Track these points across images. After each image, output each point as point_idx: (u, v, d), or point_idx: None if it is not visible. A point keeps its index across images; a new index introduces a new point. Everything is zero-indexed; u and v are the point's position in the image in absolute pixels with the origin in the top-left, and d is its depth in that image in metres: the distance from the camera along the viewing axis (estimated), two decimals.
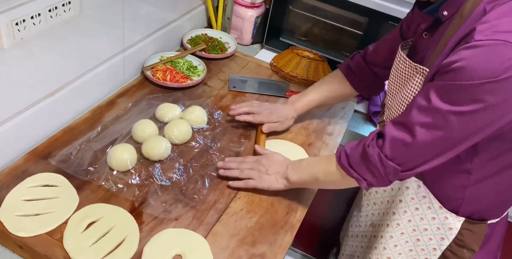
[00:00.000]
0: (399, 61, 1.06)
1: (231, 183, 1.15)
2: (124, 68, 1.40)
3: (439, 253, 1.11)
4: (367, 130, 1.52)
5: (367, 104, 1.63)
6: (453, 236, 1.07)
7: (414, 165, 0.92)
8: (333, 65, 1.75)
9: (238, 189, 1.16)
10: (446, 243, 1.09)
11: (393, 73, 1.09)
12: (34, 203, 1.01)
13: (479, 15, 0.84)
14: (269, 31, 1.82)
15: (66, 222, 0.99)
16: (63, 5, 1.00)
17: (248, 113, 1.33)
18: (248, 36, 1.84)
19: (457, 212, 1.05)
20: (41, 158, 1.12)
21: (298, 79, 1.63)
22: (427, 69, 0.94)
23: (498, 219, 1.07)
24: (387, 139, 0.94)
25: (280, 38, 1.82)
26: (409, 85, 1.00)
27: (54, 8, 0.98)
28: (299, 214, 1.15)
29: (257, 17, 1.80)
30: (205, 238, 1.03)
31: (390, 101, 1.11)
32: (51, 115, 1.19)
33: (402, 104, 1.03)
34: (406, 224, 1.14)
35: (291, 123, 1.39)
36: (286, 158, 1.18)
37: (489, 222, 1.06)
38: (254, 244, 1.05)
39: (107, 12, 1.22)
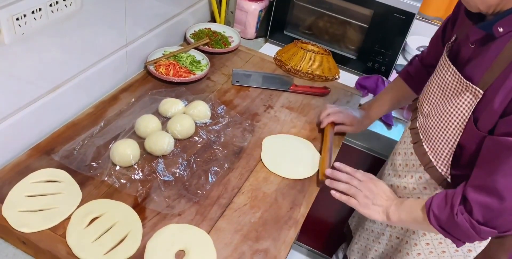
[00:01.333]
0: (446, 70, 1.01)
1: (333, 192, 1.14)
2: (127, 63, 1.40)
3: None
4: (374, 125, 1.50)
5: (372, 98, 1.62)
6: (481, 248, 1.07)
7: (510, 227, 0.90)
8: (337, 59, 1.73)
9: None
10: (473, 255, 1.08)
11: (436, 81, 1.05)
12: (37, 198, 1.01)
13: None
14: (273, 25, 1.80)
15: (69, 218, 0.99)
16: None
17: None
18: (251, 30, 1.83)
19: None
20: (44, 153, 1.12)
21: (303, 73, 1.62)
22: (481, 91, 0.89)
23: None
24: (474, 206, 0.89)
25: (284, 32, 1.81)
26: (456, 102, 0.96)
27: (55, 3, 0.97)
28: (303, 209, 1.14)
29: (261, 10, 1.79)
30: (208, 233, 1.03)
31: (427, 109, 1.07)
32: (53, 111, 1.19)
33: (445, 119, 0.99)
34: (433, 235, 1.13)
35: (362, 129, 1.42)
36: (392, 192, 1.13)
37: None
38: (258, 239, 1.05)
39: (109, 6, 1.21)
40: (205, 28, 1.72)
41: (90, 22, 1.16)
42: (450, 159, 1.00)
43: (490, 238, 1.03)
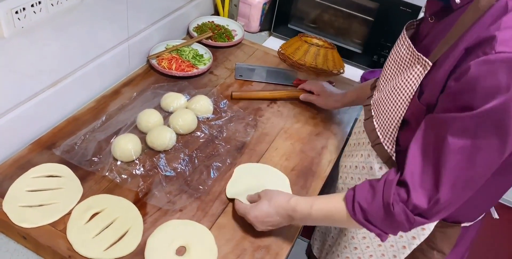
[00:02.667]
0: (402, 44, 0.96)
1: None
2: (129, 57, 1.38)
3: (408, 251, 1.06)
4: None
5: None
6: (425, 236, 1.02)
7: (443, 214, 0.84)
8: (342, 53, 1.71)
9: None
10: (417, 242, 1.04)
11: (392, 56, 1.00)
12: (38, 193, 1.00)
13: (500, 12, 0.75)
14: (277, 18, 1.78)
15: (69, 213, 0.98)
16: None
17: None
18: (255, 23, 1.81)
19: None
20: (45, 148, 1.11)
21: (307, 67, 1.60)
22: (430, 63, 0.85)
23: (472, 222, 1.02)
24: (411, 193, 0.81)
25: (289, 25, 1.79)
26: (406, 74, 0.92)
27: None
28: None
29: (265, 3, 1.77)
30: (209, 229, 1.02)
31: (383, 85, 1.03)
32: (54, 105, 1.18)
33: (394, 93, 0.94)
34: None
35: (332, 105, 1.40)
36: (279, 209, 1.00)
37: (462, 225, 1.01)
38: (259, 236, 1.04)
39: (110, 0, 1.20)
40: (208, 21, 1.71)
41: (91, 16, 1.15)
42: (395, 135, 0.95)
43: (433, 227, 0.99)
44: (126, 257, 0.93)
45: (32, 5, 0.92)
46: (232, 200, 1.10)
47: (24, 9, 0.91)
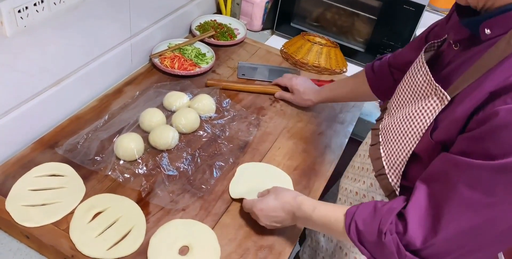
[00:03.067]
0: (419, 69, 0.89)
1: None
2: (131, 55, 1.38)
3: None
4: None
5: None
6: None
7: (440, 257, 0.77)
8: (345, 51, 1.71)
9: None
10: None
11: (407, 80, 0.93)
12: (41, 193, 1.00)
13: None
14: (279, 17, 1.78)
15: (72, 213, 0.98)
16: None
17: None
18: (258, 22, 1.80)
19: None
20: (48, 147, 1.11)
21: (309, 66, 1.59)
22: (449, 97, 0.78)
23: None
24: (409, 228, 0.76)
25: (291, 24, 1.79)
26: (421, 104, 0.85)
27: None
28: None
29: (267, 2, 1.76)
30: (212, 229, 1.02)
31: (395, 110, 0.96)
32: (57, 104, 1.17)
33: (407, 123, 0.88)
34: None
35: (305, 103, 1.40)
36: (284, 208, 0.99)
37: None
38: (263, 235, 1.03)
39: None
40: (211, 20, 1.70)
41: (93, 14, 1.14)
42: (402, 168, 0.88)
43: None
44: (129, 256, 0.93)
45: (35, 4, 0.92)
46: (236, 200, 1.10)
47: (26, 8, 0.90)
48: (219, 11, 1.81)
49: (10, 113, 1.05)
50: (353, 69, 1.70)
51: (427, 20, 1.72)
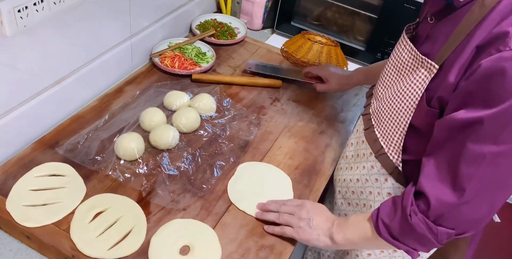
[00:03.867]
0: (403, 48, 0.91)
1: (266, 227, 1.04)
2: (131, 55, 1.38)
3: None
4: None
5: None
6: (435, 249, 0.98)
7: (469, 226, 0.79)
8: (346, 50, 1.70)
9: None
10: (426, 255, 1.01)
11: (392, 61, 0.95)
12: (41, 193, 1.00)
13: (510, 7, 0.71)
14: (280, 16, 1.78)
15: (73, 213, 0.98)
16: None
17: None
18: (258, 21, 1.80)
19: None
20: (48, 147, 1.11)
21: (310, 65, 1.59)
22: (436, 66, 0.81)
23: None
24: (431, 201, 0.78)
25: (292, 23, 1.78)
26: (410, 79, 0.87)
27: None
28: None
29: (268, 1, 1.76)
30: (213, 228, 1.02)
31: (382, 92, 0.98)
32: (57, 104, 1.17)
33: (397, 99, 0.90)
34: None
35: (342, 88, 1.41)
36: (331, 214, 1.02)
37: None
38: (263, 235, 1.03)
39: None
40: (211, 19, 1.70)
41: (93, 14, 1.14)
42: (401, 144, 0.91)
43: None
44: (130, 256, 0.93)
45: (35, 4, 0.92)
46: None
47: (26, 7, 0.90)
48: (219, 10, 1.80)
49: (11, 113, 1.05)
50: (353, 67, 1.68)
51: None
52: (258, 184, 1.14)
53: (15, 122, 1.07)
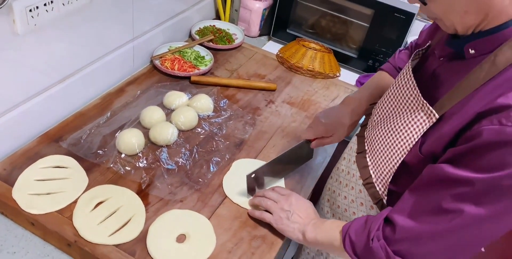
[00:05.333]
0: (406, 82, 0.89)
1: (249, 210, 1.10)
2: (133, 57, 1.44)
3: None
4: None
5: None
6: None
7: None
8: (339, 57, 1.77)
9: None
10: None
11: (394, 91, 0.94)
12: (46, 183, 1.05)
13: None
14: (276, 23, 1.85)
15: (75, 202, 1.03)
16: None
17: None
18: (255, 28, 1.87)
19: None
20: (53, 141, 1.17)
21: (304, 70, 1.66)
22: (437, 115, 0.80)
23: None
24: (397, 231, 0.80)
25: (287, 30, 1.85)
26: (408, 119, 0.86)
27: None
28: None
29: (265, 9, 1.83)
30: (209, 219, 1.07)
31: (379, 119, 0.98)
32: (62, 101, 1.23)
33: (394, 135, 0.89)
34: None
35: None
36: (316, 212, 1.05)
37: None
38: (256, 226, 1.08)
39: (117, 2, 1.26)
40: (210, 25, 1.77)
41: (98, 16, 1.21)
42: (390, 178, 0.91)
43: None
44: (129, 243, 0.98)
45: (45, 4, 0.98)
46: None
47: (37, 7, 0.97)
48: (218, 17, 1.87)
49: (18, 108, 1.11)
50: (346, 73, 1.77)
51: (417, 28, 1.79)
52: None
53: (22, 116, 1.12)
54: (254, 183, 1.15)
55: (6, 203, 1.00)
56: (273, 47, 1.84)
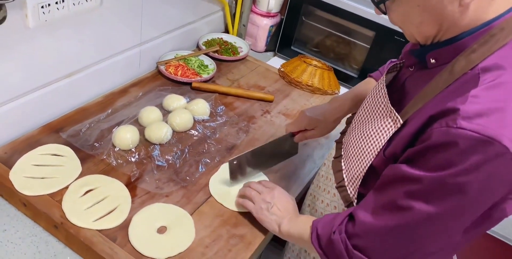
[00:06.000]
0: (379, 90, 0.95)
1: (236, 199, 1.17)
2: (140, 60, 1.53)
3: None
4: None
5: None
6: None
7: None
8: (340, 76, 1.83)
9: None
10: None
11: (369, 99, 0.99)
12: (42, 168, 1.13)
13: (470, 83, 0.74)
14: (281, 40, 1.92)
15: (67, 187, 1.09)
16: None
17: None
18: (262, 44, 1.95)
19: None
20: (54, 131, 1.24)
21: (303, 85, 1.72)
22: (401, 121, 0.84)
23: None
24: (356, 226, 0.85)
25: (292, 47, 1.92)
26: (378, 124, 0.91)
27: None
28: None
29: (272, 26, 1.91)
30: (191, 215, 1.12)
31: (355, 126, 1.01)
32: (67, 95, 1.31)
33: (365, 140, 0.94)
34: None
35: (335, 125, 1.26)
36: (296, 208, 1.11)
37: None
38: (236, 226, 1.13)
39: (126, 6, 1.35)
40: (218, 37, 1.85)
41: (107, 19, 1.29)
42: (359, 181, 0.95)
43: None
44: (112, 229, 1.04)
45: (56, 3, 1.07)
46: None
47: (49, 5, 1.05)
48: (226, 31, 1.95)
49: (24, 97, 1.19)
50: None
51: None
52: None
53: (26, 106, 1.20)
54: (237, 171, 1.21)
55: (2, 183, 1.07)
56: (277, 62, 1.91)
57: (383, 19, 1.64)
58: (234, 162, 1.18)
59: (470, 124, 0.69)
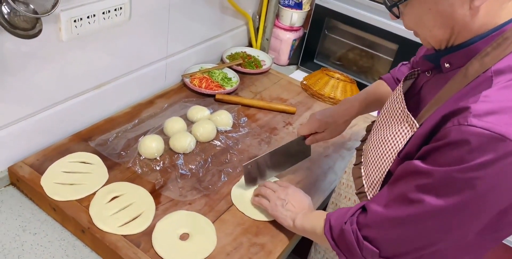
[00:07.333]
0: (397, 96, 0.96)
1: (252, 197, 1.22)
2: (166, 73, 1.58)
3: None
4: None
5: None
6: None
7: (391, 253, 0.84)
8: (362, 89, 1.84)
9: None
10: None
11: (388, 105, 1.00)
12: (71, 175, 1.17)
13: (484, 83, 0.75)
14: (304, 54, 1.95)
15: (94, 194, 1.14)
16: (115, 9, 1.19)
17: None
18: (284, 57, 1.98)
19: None
20: (83, 140, 1.29)
21: (325, 97, 1.74)
22: (417, 125, 0.85)
23: None
24: (368, 217, 0.86)
25: (315, 61, 1.95)
26: (396, 129, 0.92)
27: (108, 12, 1.17)
28: None
29: (295, 40, 1.95)
30: (213, 223, 1.14)
31: (374, 132, 1.03)
32: (96, 105, 1.37)
33: (383, 146, 0.95)
34: None
35: (344, 128, 1.29)
36: (311, 204, 1.15)
37: None
38: (257, 234, 1.14)
39: (154, 21, 1.40)
40: (241, 51, 1.89)
41: (135, 32, 1.35)
42: (379, 187, 0.95)
43: None
44: (136, 235, 1.07)
45: (88, 17, 1.13)
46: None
47: (81, 19, 1.11)
48: (250, 45, 2.00)
49: (56, 106, 1.25)
50: None
51: None
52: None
53: (58, 115, 1.26)
54: (252, 175, 1.25)
55: (34, 189, 1.12)
56: (300, 75, 1.94)
57: (406, 32, 1.65)
58: (249, 167, 1.22)
59: (481, 121, 0.69)
